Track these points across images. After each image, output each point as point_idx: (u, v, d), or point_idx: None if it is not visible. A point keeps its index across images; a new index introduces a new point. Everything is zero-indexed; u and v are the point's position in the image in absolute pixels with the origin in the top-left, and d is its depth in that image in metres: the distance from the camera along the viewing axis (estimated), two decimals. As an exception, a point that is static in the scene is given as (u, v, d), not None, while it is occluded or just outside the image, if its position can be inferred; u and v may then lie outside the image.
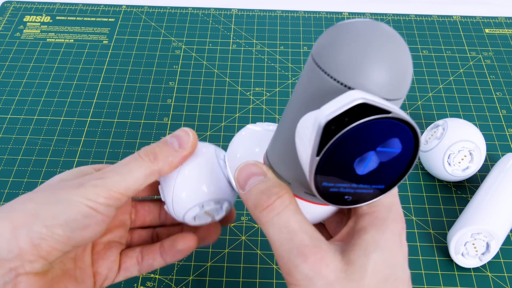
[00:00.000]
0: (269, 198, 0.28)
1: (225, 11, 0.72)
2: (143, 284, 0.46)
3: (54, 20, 0.70)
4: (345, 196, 0.27)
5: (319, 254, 0.27)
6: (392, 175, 0.27)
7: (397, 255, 0.28)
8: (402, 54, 0.26)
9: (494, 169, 0.51)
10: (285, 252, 0.27)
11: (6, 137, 0.56)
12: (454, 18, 0.72)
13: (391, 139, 0.26)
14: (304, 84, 0.27)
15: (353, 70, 0.25)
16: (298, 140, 0.27)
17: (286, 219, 0.27)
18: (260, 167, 0.29)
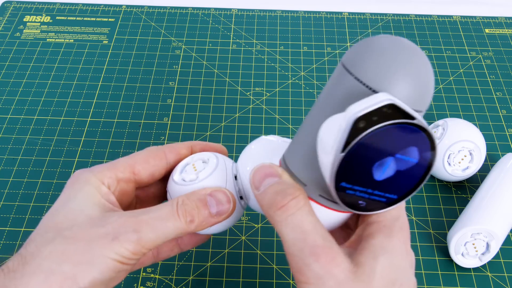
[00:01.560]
0: (284, 199, 0.29)
1: (225, 11, 0.72)
2: (143, 284, 0.46)
3: (54, 20, 0.70)
4: (359, 201, 0.28)
5: (330, 254, 0.28)
6: (405, 186, 0.28)
7: (403, 261, 0.29)
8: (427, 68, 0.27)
9: (494, 169, 0.51)
10: (298, 251, 0.28)
11: (6, 137, 0.56)
12: (454, 18, 0.72)
13: (410, 148, 0.27)
14: (330, 89, 0.29)
15: (382, 77, 0.26)
16: (320, 141, 0.28)
17: (300, 219, 0.28)
18: (276, 169, 0.30)
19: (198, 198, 0.33)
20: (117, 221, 0.31)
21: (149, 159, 0.35)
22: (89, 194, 0.32)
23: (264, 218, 0.50)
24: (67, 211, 0.31)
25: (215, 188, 0.33)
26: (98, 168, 0.34)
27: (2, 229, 0.49)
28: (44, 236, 0.30)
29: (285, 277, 0.46)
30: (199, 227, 0.32)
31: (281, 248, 0.48)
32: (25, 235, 0.48)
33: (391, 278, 0.28)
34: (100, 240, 0.30)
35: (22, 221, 0.49)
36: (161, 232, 0.31)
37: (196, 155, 0.37)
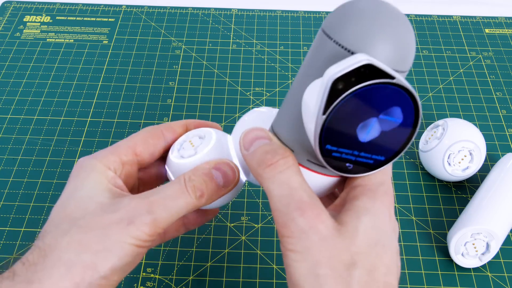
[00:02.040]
0: (273, 158, 0.29)
1: (225, 11, 0.72)
2: (143, 284, 0.46)
3: (54, 20, 0.70)
4: (346, 164, 0.29)
5: (315, 210, 0.28)
6: (392, 147, 0.29)
7: (386, 224, 0.29)
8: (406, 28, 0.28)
9: (494, 169, 0.51)
10: (283, 206, 0.28)
11: (6, 137, 0.56)
12: (454, 18, 0.72)
13: (393, 108, 0.27)
14: (312, 55, 0.29)
15: (361, 39, 0.27)
16: (304, 105, 0.28)
17: (288, 177, 0.29)
18: (266, 132, 0.31)
19: (204, 173, 0.33)
20: (129, 204, 0.31)
21: (148, 139, 0.36)
22: (96, 180, 0.33)
23: (264, 218, 0.50)
24: (78, 200, 0.32)
25: (218, 160, 0.34)
26: (102, 154, 0.34)
27: (2, 229, 0.49)
28: (59, 227, 0.31)
29: (285, 277, 0.46)
30: (209, 200, 0.33)
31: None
32: (25, 235, 0.48)
33: (373, 238, 0.28)
34: (116, 226, 0.30)
35: (22, 221, 0.49)
36: (174, 210, 0.31)
37: (191, 132, 0.37)
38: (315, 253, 0.28)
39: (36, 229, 0.49)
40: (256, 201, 0.51)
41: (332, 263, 0.27)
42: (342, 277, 0.27)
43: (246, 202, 0.51)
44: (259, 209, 0.51)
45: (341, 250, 0.28)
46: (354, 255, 0.28)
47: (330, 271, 0.27)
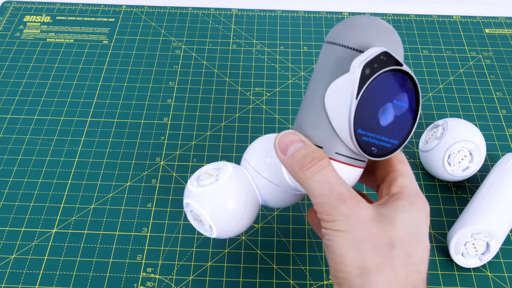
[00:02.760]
0: (312, 161, 0.33)
1: (225, 11, 0.72)
2: (143, 284, 0.46)
3: (54, 20, 0.70)
4: (372, 148, 0.33)
5: (355, 200, 0.32)
6: (402, 132, 0.34)
7: (421, 224, 0.33)
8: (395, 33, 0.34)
9: (494, 169, 0.50)
10: (326, 198, 0.32)
11: (6, 137, 0.56)
12: (454, 18, 0.72)
13: (402, 94, 0.33)
14: (322, 64, 0.34)
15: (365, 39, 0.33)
16: (330, 103, 0.33)
17: (326, 175, 0.33)
18: (299, 135, 0.34)
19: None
20: None
21: None
22: None
23: (264, 218, 0.50)
24: None
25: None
26: None
27: (2, 229, 0.49)
28: None
29: (285, 277, 0.46)
30: None
31: (281, 248, 0.48)
32: (25, 235, 0.48)
33: (409, 230, 0.32)
34: None
35: (22, 221, 0.49)
36: None
37: (204, 167, 0.40)
38: (357, 232, 0.31)
39: (36, 229, 0.49)
40: (256, 201, 0.51)
41: (373, 241, 0.31)
42: (383, 252, 0.31)
43: (246, 202, 0.51)
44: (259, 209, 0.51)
45: (380, 231, 0.31)
46: (392, 237, 0.31)
47: (371, 246, 0.31)
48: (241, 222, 0.39)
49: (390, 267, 0.31)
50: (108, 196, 0.51)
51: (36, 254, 0.47)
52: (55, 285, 0.45)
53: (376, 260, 0.31)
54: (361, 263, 0.31)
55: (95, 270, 0.46)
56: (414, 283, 0.31)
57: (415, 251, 0.32)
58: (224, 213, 0.38)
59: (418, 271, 0.32)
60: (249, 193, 0.39)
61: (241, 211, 0.39)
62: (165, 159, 0.55)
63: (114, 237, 0.49)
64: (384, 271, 0.31)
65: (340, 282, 0.32)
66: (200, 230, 0.41)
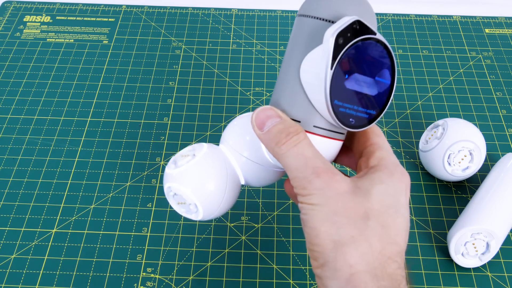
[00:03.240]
0: (287, 135, 0.33)
1: (225, 11, 0.72)
2: (143, 284, 0.46)
3: (54, 20, 0.70)
4: (350, 119, 0.33)
5: (330, 173, 0.32)
6: (379, 102, 0.34)
7: (400, 196, 0.32)
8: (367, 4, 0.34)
9: (494, 169, 0.50)
10: (301, 172, 0.32)
11: (6, 137, 0.56)
12: (454, 18, 0.72)
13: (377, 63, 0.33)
14: (295, 38, 0.34)
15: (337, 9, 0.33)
16: (305, 76, 0.33)
17: (302, 148, 0.32)
18: (275, 111, 0.34)
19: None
20: None
21: None
22: None
23: (264, 218, 0.50)
24: None
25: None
26: None
27: (2, 229, 0.49)
28: None
29: (285, 277, 0.46)
30: None
31: (281, 248, 0.48)
32: (25, 235, 0.48)
33: (386, 202, 0.32)
34: None
35: (22, 221, 0.49)
36: None
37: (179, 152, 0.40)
38: (331, 205, 0.31)
39: (36, 229, 0.49)
40: (256, 201, 0.51)
41: (348, 213, 0.31)
42: (357, 224, 0.31)
43: (246, 202, 0.51)
44: (259, 209, 0.51)
45: (355, 203, 0.31)
46: (367, 210, 0.31)
47: (346, 219, 0.31)
48: (224, 198, 0.39)
49: (364, 239, 0.30)
50: (108, 196, 0.51)
51: (36, 254, 0.47)
52: (55, 285, 0.45)
53: (350, 233, 0.30)
54: (335, 236, 0.30)
55: (95, 270, 0.46)
56: (389, 255, 0.31)
57: (392, 223, 0.31)
58: (206, 187, 0.38)
59: (395, 243, 0.31)
60: (229, 170, 0.39)
61: (223, 184, 0.38)
62: (165, 159, 0.55)
63: (114, 237, 0.49)
64: (358, 243, 0.30)
65: (315, 255, 0.31)
66: (186, 214, 0.40)
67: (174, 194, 0.39)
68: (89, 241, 0.48)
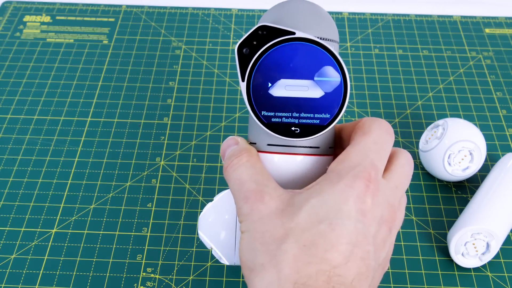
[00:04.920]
0: (229, 159, 0.32)
1: (225, 11, 0.72)
2: (143, 284, 0.46)
3: (54, 20, 0.70)
4: (292, 128, 0.31)
5: (259, 195, 0.30)
6: (332, 104, 0.31)
7: (343, 204, 0.28)
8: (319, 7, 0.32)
9: (494, 169, 0.50)
10: (236, 198, 0.31)
11: (6, 137, 0.56)
12: (454, 18, 0.72)
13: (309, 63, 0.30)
14: None
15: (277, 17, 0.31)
16: None
17: (240, 173, 0.31)
18: (235, 139, 0.34)
19: None
20: None
21: None
22: None
23: (264, 218, 0.50)
24: None
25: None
26: None
27: (2, 229, 0.49)
28: None
29: (285, 277, 0.46)
30: None
31: (281, 248, 0.48)
32: (25, 235, 0.48)
33: (318, 216, 0.28)
34: None
35: (22, 221, 0.49)
36: None
37: None
38: (254, 231, 0.29)
39: (36, 229, 0.49)
40: (256, 201, 0.51)
41: (264, 238, 0.29)
42: (269, 250, 0.28)
43: (246, 202, 0.51)
44: (259, 209, 0.51)
45: (275, 226, 0.29)
46: (287, 230, 0.28)
47: (260, 245, 0.29)
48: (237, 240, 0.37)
49: (272, 266, 0.28)
50: (108, 196, 0.51)
51: (36, 254, 0.47)
52: (55, 285, 0.45)
53: (261, 260, 0.28)
54: (250, 265, 0.29)
55: (95, 270, 0.46)
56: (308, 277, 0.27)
57: (322, 239, 0.27)
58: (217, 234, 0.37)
59: (321, 261, 0.27)
60: None
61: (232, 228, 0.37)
62: (165, 159, 0.55)
63: (114, 237, 0.49)
64: (265, 271, 0.28)
65: None
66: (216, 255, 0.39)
67: None
68: (89, 241, 0.48)
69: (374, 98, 0.61)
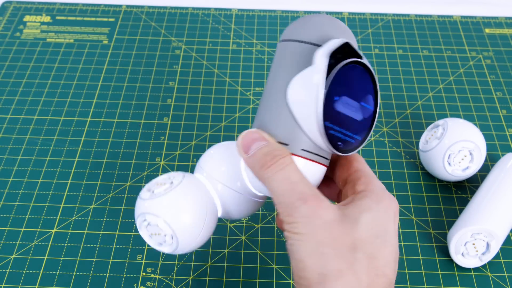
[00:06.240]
0: (273, 158, 0.32)
1: (225, 11, 0.72)
2: (143, 284, 0.46)
3: (54, 20, 0.70)
4: (338, 142, 0.32)
5: (317, 199, 0.30)
6: (364, 127, 0.33)
7: (388, 223, 0.31)
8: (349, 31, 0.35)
9: (494, 169, 0.51)
10: (287, 198, 0.31)
11: (6, 137, 0.56)
12: (454, 18, 0.72)
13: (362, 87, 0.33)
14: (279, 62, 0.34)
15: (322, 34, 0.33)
16: (293, 97, 0.32)
17: (288, 173, 0.31)
18: (261, 134, 0.33)
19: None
20: None
21: None
22: None
23: (264, 218, 0.50)
24: None
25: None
26: None
27: (2, 229, 0.49)
28: None
29: (285, 277, 0.46)
30: None
31: (281, 248, 0.48)
32: (25, 235, 0.48)
33: (374, 231, 0.30)
34: None
35: (22, 221, 0.49)
36: None
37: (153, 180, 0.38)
38: (318, 235, 0.29)
39: (36, 229, 0.49)
40: (256, 201, 0.51)
41: (335, 244, 0.29)
42: (345, 257, 0.29)
43: (246, 202, 0.51)
44: (259, 209, 0.51)
45: (343, 234, 0.30)
46: (355, 240, 0.30)
47: (333, 250, 0.29)
48: (203, 229, 0.37)
49: (352, 273, 0.29)
50: (108, 196, 0.52)
51: (36, 254, 0.47)
52: (55, 285, 0.45)
53: (337, 266, 0.29)
54: (322, 269, 0.29)
55: (95, 270, 0.46)
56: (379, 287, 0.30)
57: (380, 254, 0.30)
58: (186, 218, 0.36)
59: (383, 275, 0.30)
60: (208, 200, 0.37)
61: (202, 215, 0.36)
62: (165, 159, 0.55)
63: (114, 237, 0.49)
64: (345, 277, 0.29)
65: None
66: (158, 246, 0.37)
67: (148, 224, 0.36)
68: (89, 241, 0.48)
69: (374, 98, 0.61)
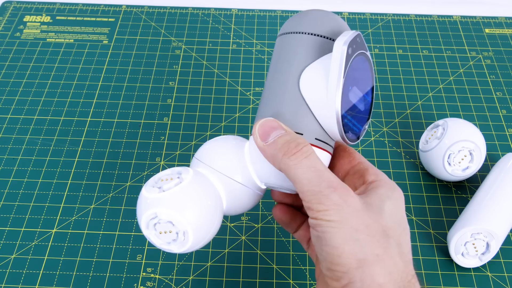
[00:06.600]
0: (297, 146, 0.32)
1: (225, 11, 0.72)
2: (143, 284, 0.46)
3: (54, 20, 0.70)
4: (349, 131, 0.33)
5: (345, 188, 0.31)
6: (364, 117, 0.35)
7: (404, 212, 0.33)
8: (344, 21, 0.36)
9: (494, 169, 0.50)
10: (315, 186, 0.31)
11: (6, 137, 0.56)
12: (454, 18, 0.72)
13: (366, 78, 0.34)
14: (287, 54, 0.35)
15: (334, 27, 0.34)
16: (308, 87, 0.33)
17: (314, 161, 0.32)
18: (279, 123, 0.33)
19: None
20: None
21: None
22: None
23: (264, 218, 0.50)
24: None
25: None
26: None
27: (2, 229, 0.49)
28: None
29: (285, 277, 0.46)
30: None
31: (281, 248, 0.48)
32: (25, 235, 0.48)
33: (397, 219, 0.32)
34: None
35: (22, 221, 0.49)
36: None
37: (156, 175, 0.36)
38: (352, 222, 0.30)
39: (36, 229, 0.49)
40: (256, 201, 0.51)
41: (369, 231, 0.30)
42: (380, 242, 0.30)
43: (246, 202, 0.51)
44: (259, 209, 0.51)
45: (374, 221, 0.31)
46: (383, 227, 0.31)
47: (368, 236, 0.30)
48: (215, 223, 0.35)
49: (389, 257, 0.30)
50: (108, 196, 0.52)
51: (36, 254, 0.47)
52: (55, 285, 0.45)
53: (374, 251, 0.30)
54: (360, 254, 0.29)
55: (95, 270, 0.46)
56: (411, 273, 0.31)
57: (404, 241, 0.32)
58: (202, 211, 0.34)
59: (409, 261, 0.31)
60: (217, 193, 0.36)
61: (215, 208, 0.35)
62: (165, 159, 0.55)
63: (114, 237, 0.49)
64: (384, 261, 0.30)
65: (338, 276, 0.30)
66: (167, 245, 0.35)
67: (157, 222, 0.34)
68: (89, 241, 0.48)
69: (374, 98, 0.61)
